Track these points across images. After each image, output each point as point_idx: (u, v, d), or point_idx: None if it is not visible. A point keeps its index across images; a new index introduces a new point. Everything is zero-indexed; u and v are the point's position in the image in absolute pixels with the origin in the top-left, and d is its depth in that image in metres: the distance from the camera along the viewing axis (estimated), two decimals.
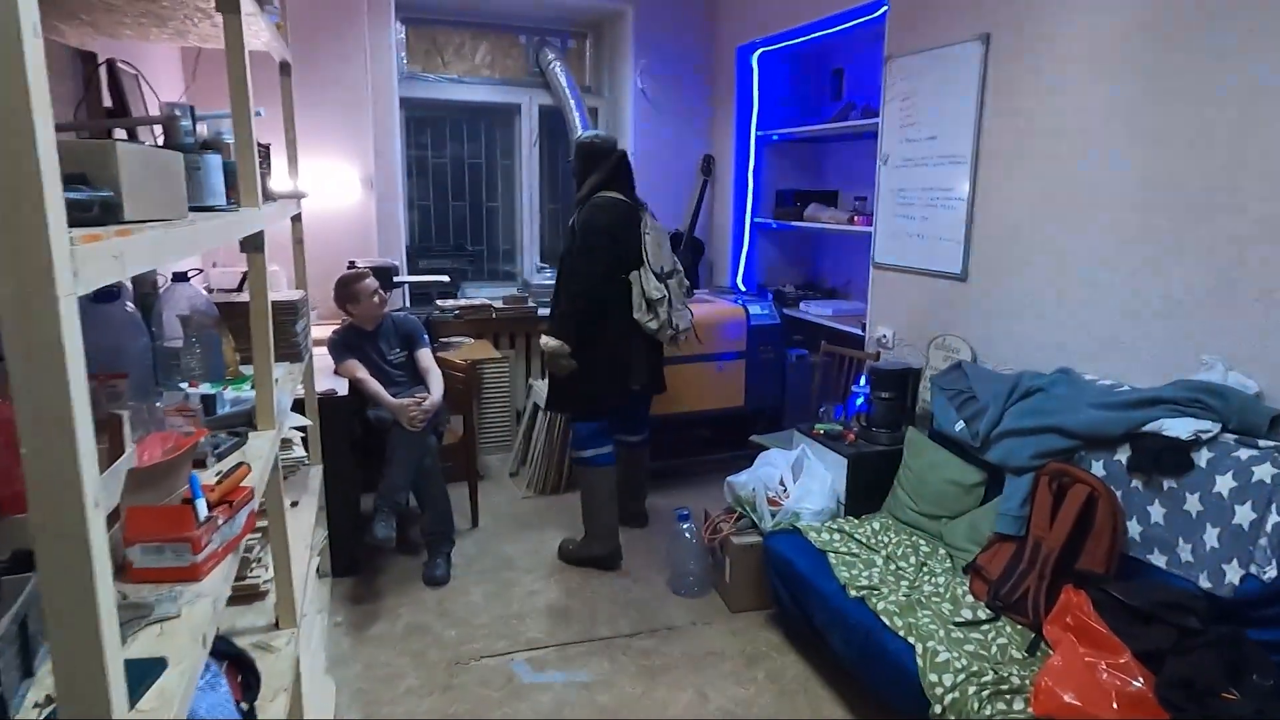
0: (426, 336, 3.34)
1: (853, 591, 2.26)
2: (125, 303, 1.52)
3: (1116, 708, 1.65)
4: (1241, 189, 2.02)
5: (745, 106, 4.57)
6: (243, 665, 1.44)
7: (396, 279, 4.12)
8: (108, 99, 2.16)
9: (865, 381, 3.09)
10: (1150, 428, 2.05)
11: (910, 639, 2.02)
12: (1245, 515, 1.81)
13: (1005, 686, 1.81)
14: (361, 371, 3.07)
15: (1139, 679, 1.69)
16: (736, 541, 2.81)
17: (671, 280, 3.08)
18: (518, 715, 2.30)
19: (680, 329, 3.11)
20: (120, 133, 2.10)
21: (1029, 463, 2.31)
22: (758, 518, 2.80)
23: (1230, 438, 1.94)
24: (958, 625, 2.09)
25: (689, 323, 3.18)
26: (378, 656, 2.56)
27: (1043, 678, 1.75)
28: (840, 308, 4.09)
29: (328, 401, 2.84)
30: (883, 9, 3.29)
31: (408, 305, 4.24)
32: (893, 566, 2.41)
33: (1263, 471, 1.80)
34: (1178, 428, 1.99)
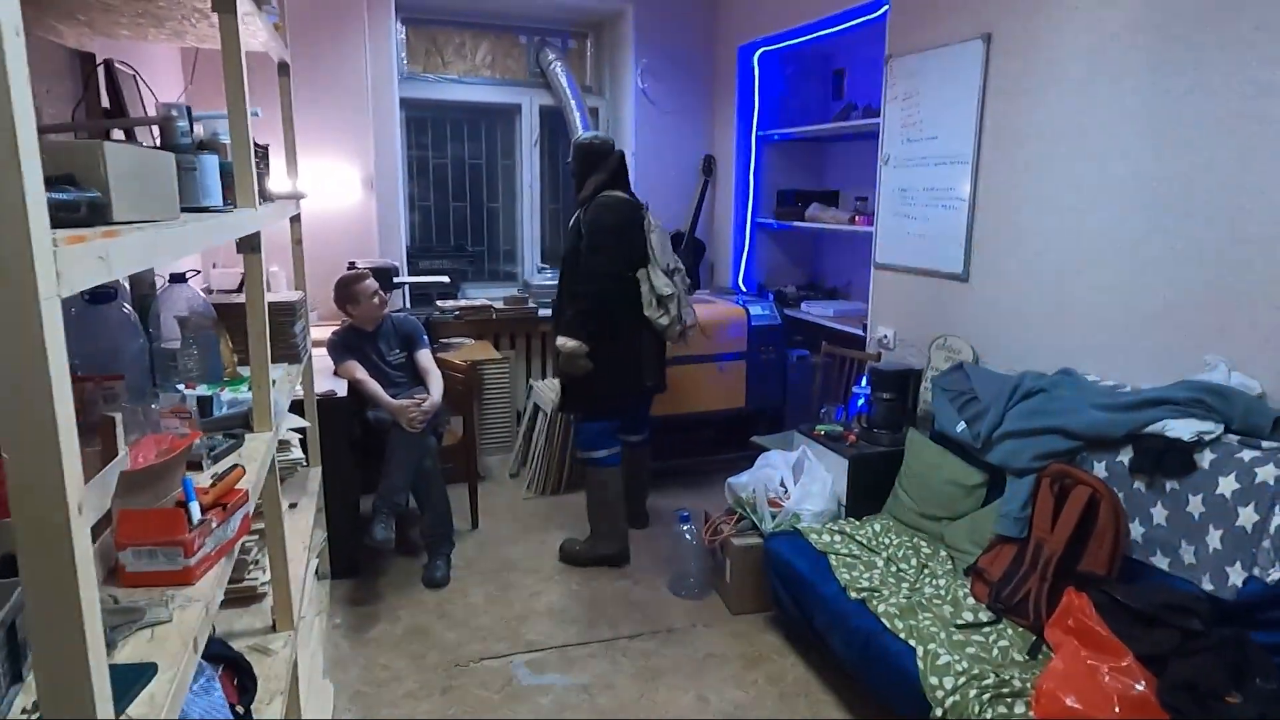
0: (426, 337, 3.33)
1: (853, 593, 2.25)
2: (122, 304, 1.51)
3: (1118, 711, 1.64)
4: (1245, 187, 2.01)
5: (746, 106, 4.56)
6: (239, 668, 1.43)
7: (396, 280, 4.11)
8: (106, 99, 2.16)
9: (866, 382, 3.08)
10: (1153, 429, 2.04)
11: (911, 641, 2.01)
12: (1248, 517, 1.79)
13: (1006, 689, 1.80)
14: (361, 372, 3.06)
15: (1141, 682, 1.68)
16: (737, 543, 2.80)
17: (675, 277, 3.10)
18: (517, 717, 2.30)
19: (688, 324, 3.14)
20: (118, 133, 2.10)
21: (1030, 464, 2.30)
22: (758, 519, 2.79)
23: (1233, 439, 1.93)
24: (959, 628, 2.08)
25: (694, 318, 3.21)
26: (377, 658, 2.56)
27: (1044, 681, 1.74)
28: (841, 308, 4.08)
29: (327, 402, 2.83)
30: (884, 8, 3.28)
31: (408, 306, 4.24)
32: (894, 568, 2.40)
33: (1266, 473, 1.79)
34: (1180, 429, 1.98)
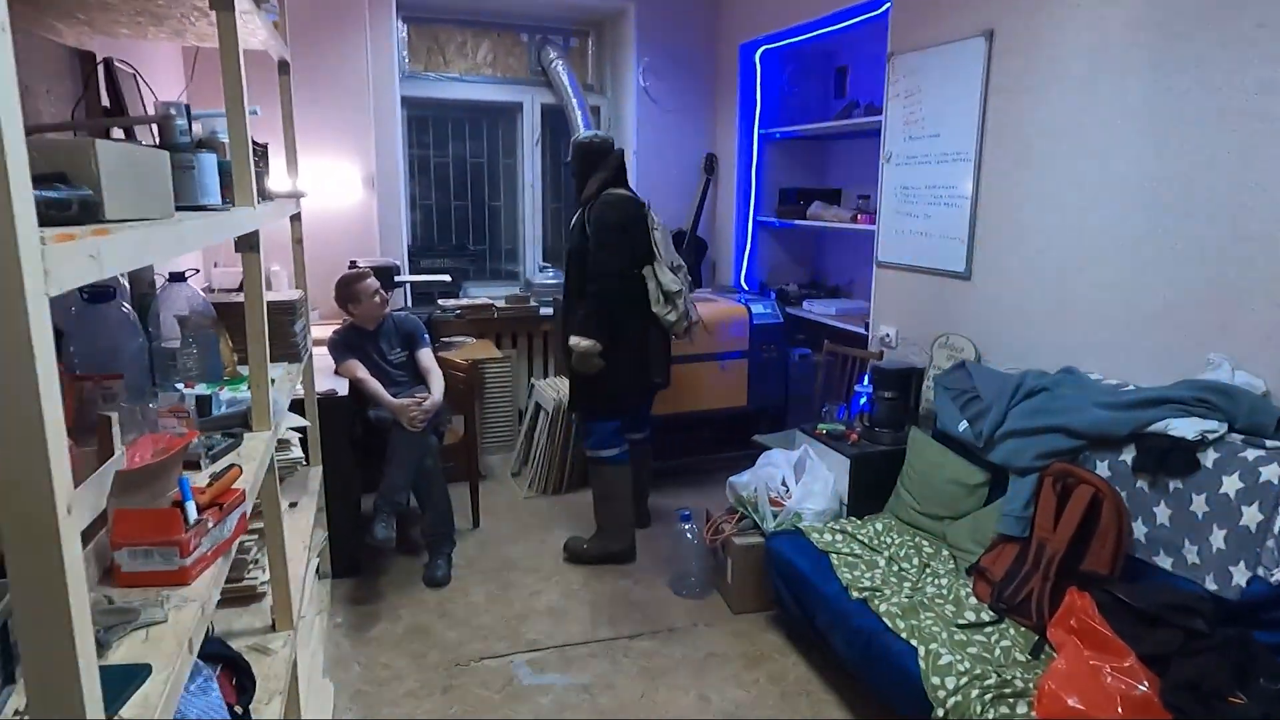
0: (427, 336, 3.33)
1: (855, 593, 2.24)
2: (121, 303, 1.50)
3: (1121, 712, 1.63)
4: (1248, 185, 2.00)
5: (748, 104, 4.55)
6: (238, 668, 1.43)
7: (398, 278, 4.11)
8: (105, 98, 2.15)
9: (868, 381, 3.07)
10: (1156, 428, 2.03)
11: (913, 641, 2.00)
12: (1252, 516, 1.78)
13: (1008, 690, 1.80)
14: (362, 371, 3.06)
15: (1144, 682, 1.67)
16: (738, 542, 2.79)
17: (679, 273, 3.11)
18: (517, 717, 2.29)
19: (693, 320, 3.16)
20: (118, 132, 2.10)
21: (1033, 463, 2.29)
22: (759, 518, 2.78)
23: (1237, 438, 1.91)
24: (961, 627, 2.07)
25: (697, 314, 3.22)
26: (377, 657, 2.56)
27: (1046, 681, 1.73)
28: (843, 307, 4.07)
29: (328, 401, 2.83)
30: (885, 6, 3.27)
31: (409, 305, 4.23)
32: (895, 568, 2.40)
33: (1270, 472, 1.78)
34: (1184, 428, 1.97)
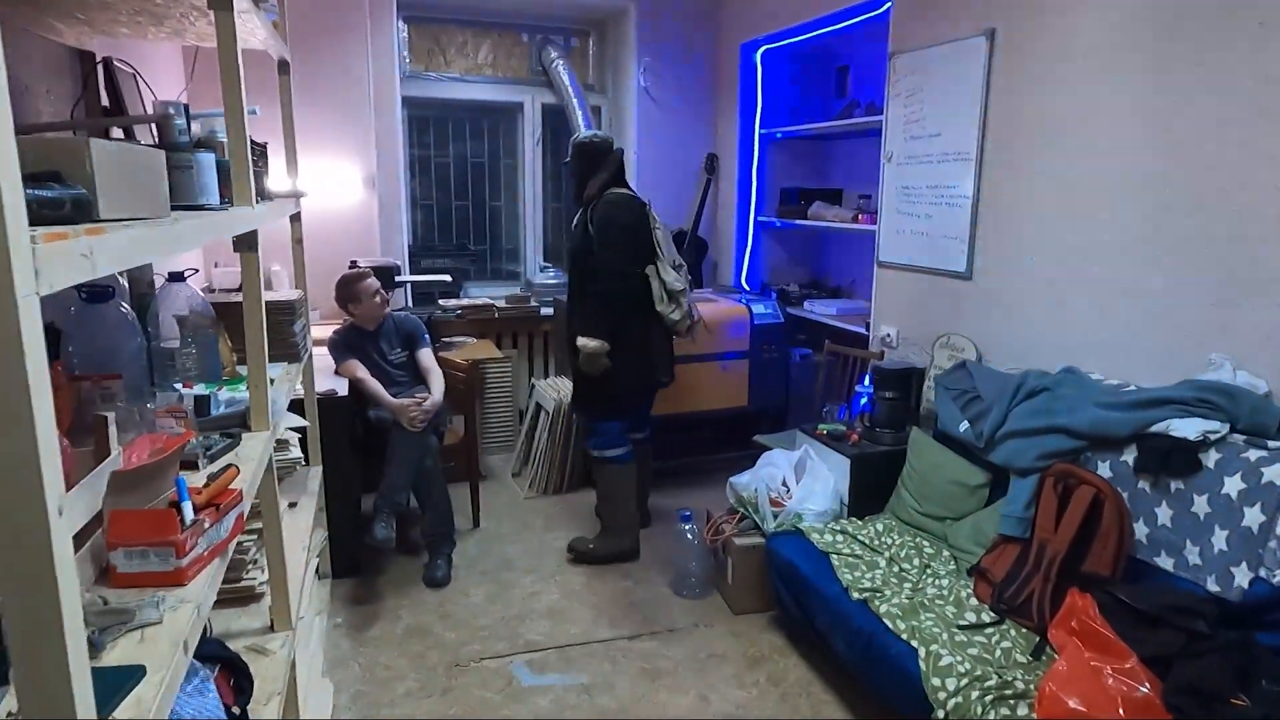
0: (428, 336, 3.33)
1: (855, 594, 2.24)
2: (120, 303, 1.50)
3: (1122, 714, 1.62)
4: (1252, 184, 1.99)
5: (749, 104, 4.54)
6: (235, 668, 1.43)
7: (398, 278, 4.11)
8: (105, 98, 2.15)
9: (869, 381, 3.06)
10: (1157, 428, 2.02)
11: (913, 642, 2.00)
12: (1254, 517, 1.78)
13: (1009, 691, 1.79)
14: (362, 371, 3.06)
15: (1145, 684, 1.66)
16: (739, 543, 2.78)
17: (680, 272, 3.11)
18: (517, 717, 2.29)
19: (696, 319, 3.17)
20: (118, 132, 2.10)
21: (1034, 463, 2.28)
22: (760, 519, 2.77)
23: (1239, 438, 1.91)
24: (961, 628, 2.07)
25: (699, 313, 3.23)
26: (377, 658, 2.55)
27: (1047, 683, 1.72)
28: (844, 307, 4.07)
29: (328, 402, 2.83)
30: (886, 5, 3.26)
31: (410, 305, 4.23)
32: (896, 568, 2.39)
33: (1272, 473, 1.77)
34: (1185, 428, 1.96)
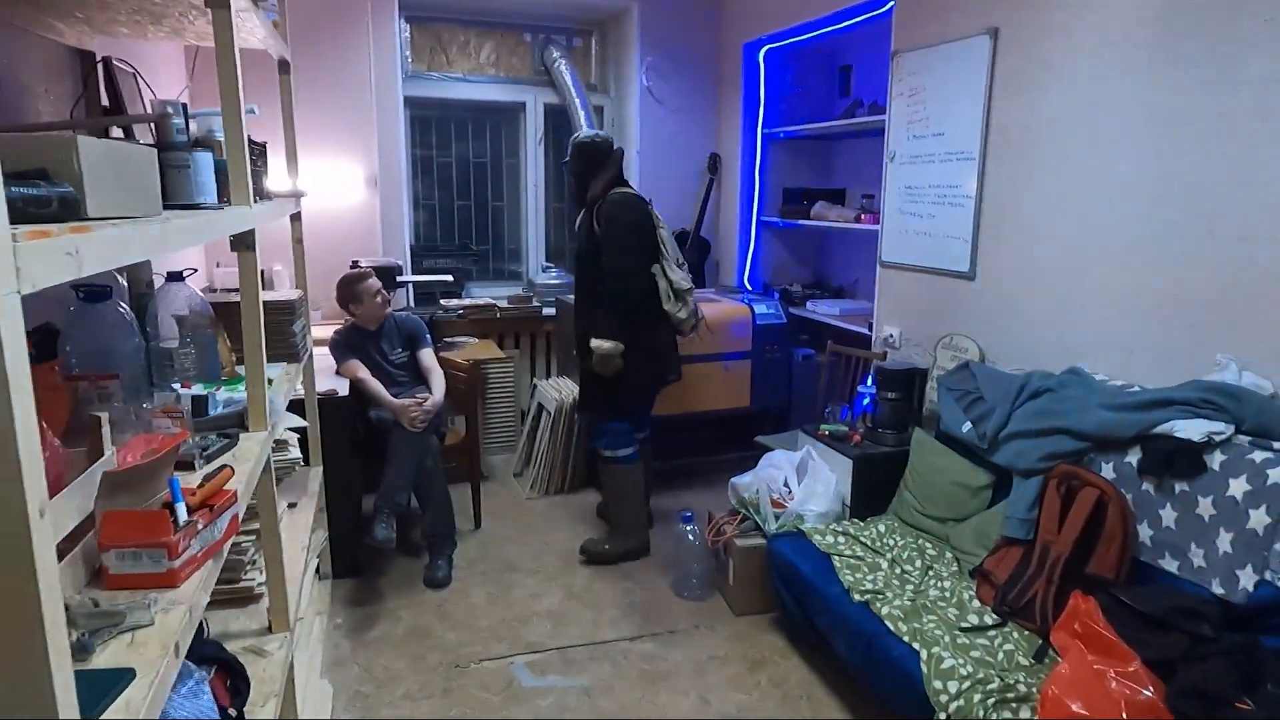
0: (429, 336, 3.32)
1: (857, 595, 2.22)
2: (117, 303, 1.50)
3: (1126, 717, 1.61)
4: (1257, 183, 1.97)
5: (752, 104, 4.53)
6: (232, 670, 1.42)
7: (400, 278, 4.10)
8: (105, 98, 2.15)
9: (871, 382, 3.05)
10: (1162, 429, 2.01)
11: (915, 644, 1.98)
12: (1260, 519, 1.76)
13: (1011, 694, 1.78)
14: (363, 371, 3.05)
15: (1149, 688, 1.65)
16: (740, 544, 2.77)
17: (683, 271, 3.11)
18: (517, 719, 2.28)
19: (700, 317, 3.18)
20: (118, 131, 2.09)
21: (1037, 465, 2.27)
22: (761, 520, 2.76)
23: (1244, 440, 1.89)
24: (964, 631, 2.05)
25: (701, 312, 3.24)
26: (377, 659, 2.54)
27: (1050, 686, 1.71)
28: (847, 307, 4.05)
29: (329, 402, 2.82)
30: (889, 4, 3.24)
31: (412, 305, 4.23)
32: (898, 570, 2.37)
33: (1278, 474, 1.75)
34: (1190, 429, 1.94)
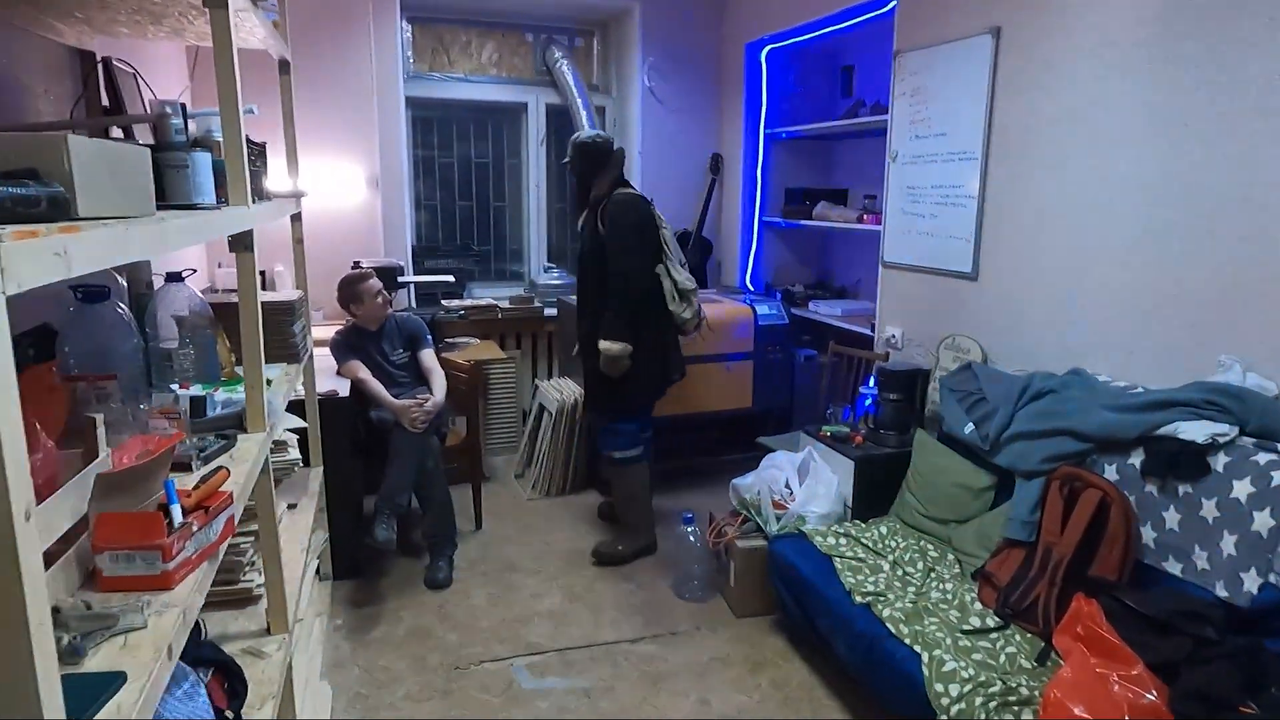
0: (430, 337, 3.32)
1: (858, 597, 2.21)
2: (116, 303, 1.49)
3: None
4: (1260, 183, 1.96)
5: (754, 104, 4.52)
6: (230, 672, 1.42)
7: (401, 279, 4.10)
8: (105, 98, 2.15)
9: (874, 382, 3.04)
10: (1165, 431, 1.99)
11: (916, 647, 1.97)
12: (1264, 522, 1.75)
13: (1013, 697, 1.77)
14: (363, 372, 3.05)
15: (1152, 691, 1.64)
16: (741, 545, 2.76)
17: (685, 270, 3.11)
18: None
19: (703, 317, 3.20)
20: (117, 131, 2.09)
21: (1040, 466, 2.26)
22: (763, 521, 2.75)
23: (1248, 441, 1.88)
24: (965, 633, 2.04)
25: (704, 312, 3.25)
26: (377, 660, 2.54)
27: (1052, 689, 1.70)
28: (849, 307, 4.04)
29: (329, 402, 2.82)
30: (891, 4, 3.23)
31: (413, 305, 4.22)
32: (900, 572, 2.36)
33: None
34: (1193, 431, 1.93)
